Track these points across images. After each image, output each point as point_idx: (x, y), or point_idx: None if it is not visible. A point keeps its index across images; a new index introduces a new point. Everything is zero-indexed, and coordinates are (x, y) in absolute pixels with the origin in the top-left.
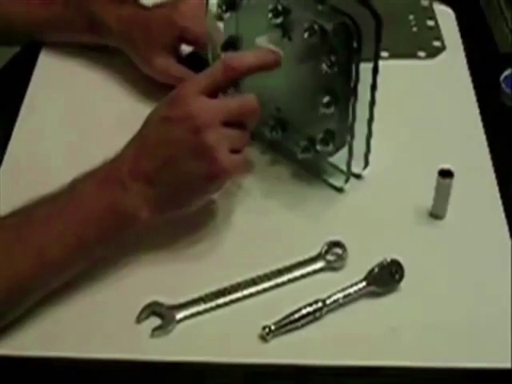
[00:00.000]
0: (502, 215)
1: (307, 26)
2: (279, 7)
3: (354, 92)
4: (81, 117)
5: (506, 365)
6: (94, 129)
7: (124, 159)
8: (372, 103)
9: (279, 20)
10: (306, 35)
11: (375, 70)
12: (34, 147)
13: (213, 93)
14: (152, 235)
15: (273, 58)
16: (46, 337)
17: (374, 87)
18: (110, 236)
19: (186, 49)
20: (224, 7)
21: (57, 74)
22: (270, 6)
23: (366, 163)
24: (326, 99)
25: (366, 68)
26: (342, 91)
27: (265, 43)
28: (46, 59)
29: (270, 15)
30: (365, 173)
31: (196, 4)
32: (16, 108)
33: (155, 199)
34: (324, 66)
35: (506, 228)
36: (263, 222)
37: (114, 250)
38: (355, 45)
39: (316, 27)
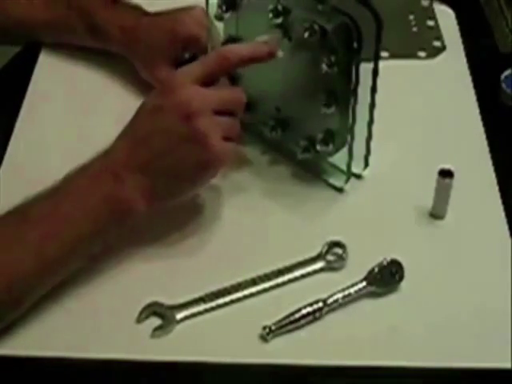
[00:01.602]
0: (502, 215)
1: (307, 26)
2: (279, 7)
3: (353, 92)
4: (81, 117)
5: (506, 365)
6: (94, 129)
7: (117, 151)
8: (372, 105)
9: (279, 20)
10: (306, 35)
11: (375, 72)
12: (34, 147)
13: (205, 82)
14: (153, 235)
15: (266, 49)
16: (47, 337)
17: (374, 89)
18: (107, 230)
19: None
20: (224, 7)
21: (57, 75)
22: (270, 6)
23: (366, 164)
24: (325, 99)
25: (366, 69)
26: (342, 91)
27: None
28: (46, 59)
29: (270, 15)
30: (365, 173)
31: (199, 15)
32: (16, 108)
33: (151, 189)
34: (324, 66)
35: (506, 228)
36: (263, 222)
37: (113, 244)
38: (355, 45)
39: (316, 27)
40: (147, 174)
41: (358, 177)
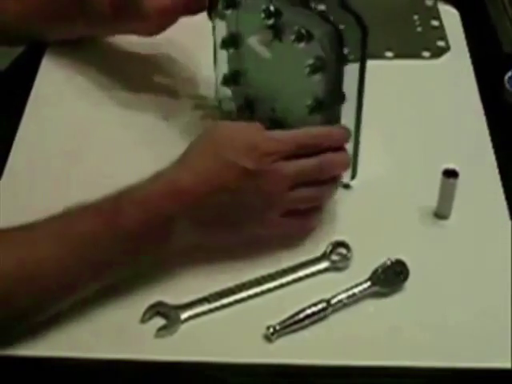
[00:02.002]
0: (507, 215)
1: (295, 30)
2: (271, 8)
3: (339, 98)
4: (84, 120)
5: (506, 365)
6: (98, 132)
7: (186, 190)
8: (359, 110)
9: (271, 21)
10: (293, 38)
11: (361, 79)
12: (36, 156)
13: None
14: None
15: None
16: (50, 337)
17: (360, 98)
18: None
19: None
20: (224, 4)
21: (60, 77)
22: (263, 7)
23: (354, 173)
24: (312, 103)
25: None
26: (328, 96)
27: (256, 43)
28: (48, 64)
29: (263, 15)
30: (368, 172)
31: None
32: (19, 110)
33: (194, 235)
34: (310, 71)
35: (510, 227)
36: None
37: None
38: (341, 51)
39: (303, 31)
40: (201, 229)
41: (346, 187)
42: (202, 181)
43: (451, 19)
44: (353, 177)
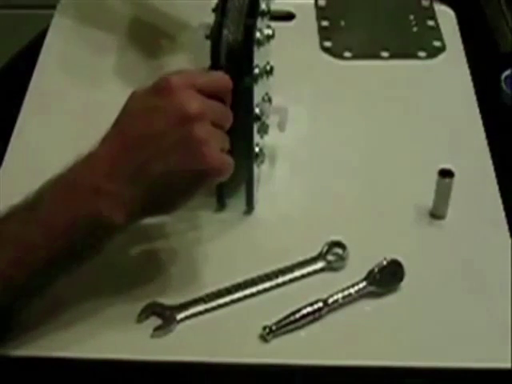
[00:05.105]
0: (503, 215)
1: None
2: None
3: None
4: (83, 118)
5: (506, 365)
6: (97, 130)
7: (100, 159)
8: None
9: None
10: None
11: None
12: (35, 148)
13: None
14: (152, 234)
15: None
16: (47, 337)
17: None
18: (83, 249)
19: None
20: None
21: (57, 75)
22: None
23: (250, 206)
24: None
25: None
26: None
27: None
28: (46, 59)
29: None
30: (366, 171)
31: None
32: (17, 108)
33: (134, 201)
34: None
35: (506, 227)
36: (264, 222)
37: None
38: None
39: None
40: (133, 184)
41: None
42: (116, 142)
43: (447, 19)
44: (248, 204)
